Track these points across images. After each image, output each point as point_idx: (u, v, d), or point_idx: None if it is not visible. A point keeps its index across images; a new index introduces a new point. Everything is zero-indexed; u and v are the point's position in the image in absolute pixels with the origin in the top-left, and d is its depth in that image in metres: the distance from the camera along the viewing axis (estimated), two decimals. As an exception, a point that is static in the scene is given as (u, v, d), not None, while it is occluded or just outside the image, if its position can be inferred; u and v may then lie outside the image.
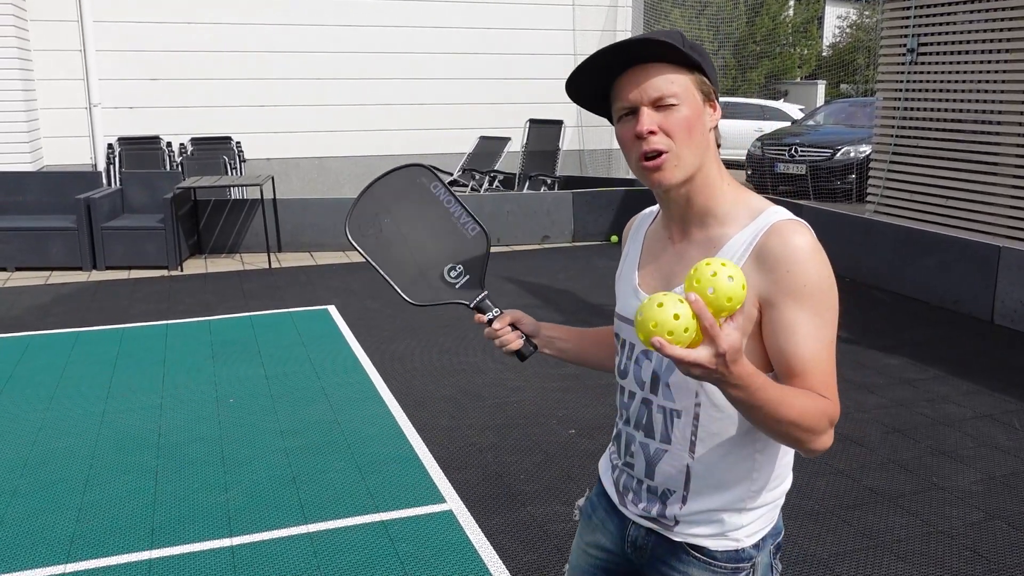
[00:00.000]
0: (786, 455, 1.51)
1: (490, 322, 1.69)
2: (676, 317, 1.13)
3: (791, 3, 24.38)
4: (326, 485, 3.66)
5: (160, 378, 4.97)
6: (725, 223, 1.40)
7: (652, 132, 1.35)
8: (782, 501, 1.52)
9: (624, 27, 11.93)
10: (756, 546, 1.48)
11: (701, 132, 1.38)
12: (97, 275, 7.63)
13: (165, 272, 7.74)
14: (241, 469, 3.82)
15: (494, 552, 3.16)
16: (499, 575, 3.01)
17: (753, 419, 1.28)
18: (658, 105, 1.35)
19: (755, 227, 1.37)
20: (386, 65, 10.94)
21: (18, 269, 7.75)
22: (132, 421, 4.35)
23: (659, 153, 1.36)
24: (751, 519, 1.47)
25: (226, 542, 3.21)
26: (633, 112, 1.37)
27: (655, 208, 1.59)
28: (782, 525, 1.54)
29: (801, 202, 8.23)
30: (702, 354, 1.14)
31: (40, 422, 4.34)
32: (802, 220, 1.39)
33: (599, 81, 1.42)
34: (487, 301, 1.69)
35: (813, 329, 1.32)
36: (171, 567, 3.05)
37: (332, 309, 6.47)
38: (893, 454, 3.99)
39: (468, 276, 1.70)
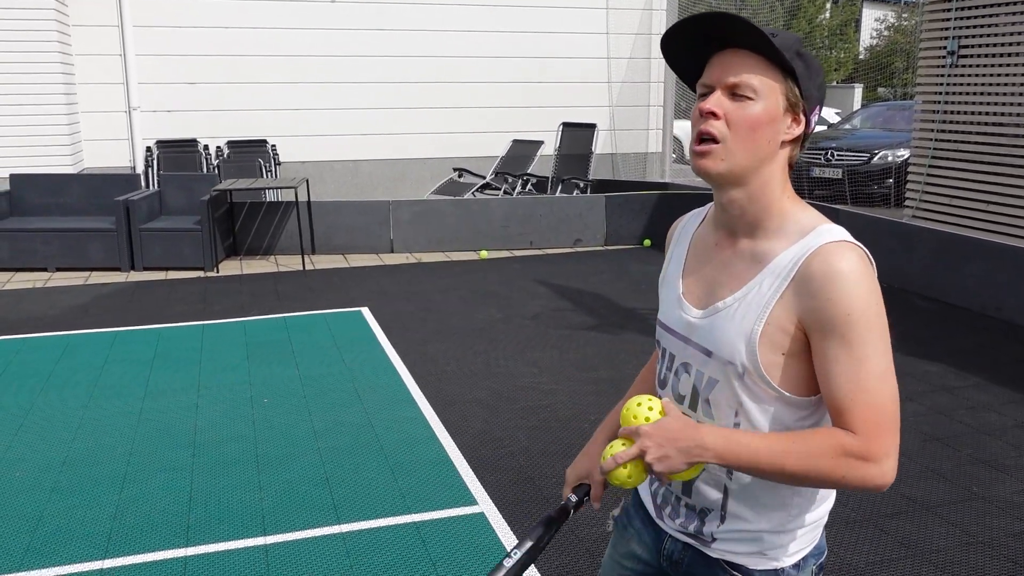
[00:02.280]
0: None
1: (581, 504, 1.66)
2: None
3: (828, 6, 24.12)
4: (359, 486, 3.68)
5: (196, 378, 5.02)
6: (773, 238, 1.35)
7: (714, 114, 1.30)
8: (825, 520, 1.48)
9: (658, 30, 11.88)
10: (796, 566, 1.44)
11: (768, 138, 1.31)
12: (135, 276, 7.74)
13: (201, 273, 7.83)
14: (275, 469, 3.85)
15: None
16: (531, 578, 3.00)
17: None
18: (734, 92, 1.30)
19: (802, 246, 1.31)
20: (419, 68, 10.99)
21: (59, 269, 7.89)
22: (169, 420, 4.41)
23: (712, 138, 1.31)
24: (791, 539, 1.43)
25: (260, 541, 3.24)
26: (709, 91, 1.33)
27: (702, 209, 1.55)
28: (825, 544, 1.50)
29: (838, 207, 8.13)
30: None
31: (79, 420, 4.41)
32: (855, 242, 1.32)
33: (698, 51, 1.36)
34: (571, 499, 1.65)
35: (855, 364, 1.27)
36: (206, 565, 3.08)
37: (365, 311, 6.51)
38: (932, 463, 3.92)
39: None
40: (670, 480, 1.35)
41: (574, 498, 1.59)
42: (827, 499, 1.48)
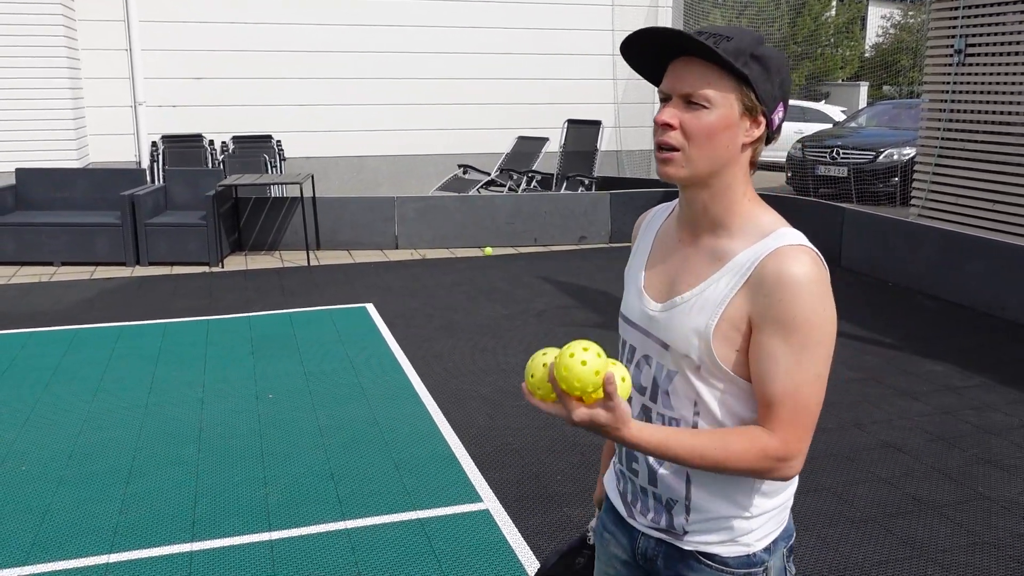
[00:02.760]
0: None
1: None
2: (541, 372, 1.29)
3: (834, 3, 24.06)
4: (364, 482, 3.69)
5: (201, 373, 5.03)
6: (734, 237, 1.39)
7: (669, 125, 1.34)
8: (790, 503, 1.51)
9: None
10: (767, 549, 1.47)
11: (726, 143, 1.35)
12: (140, 271, 7.76)
13: (206, 268, 7.84)
14: (280, 464, 3.85)
15: (531, 552, 3.15)
16: None
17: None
18: (689, 101, 1.34)
19: (761, 247, 1.35)
20: (425, 65, 10.99)
21: (64, 264, 7.91)
22: (174, 415, 4.42)
23: (671, 148, 1.35)
24: (759, 523, 1.46)
25: (265, 536, 3.25)
26: (667, 99, 1.37)
27: (669, 205, 1.58)
28: (793, 527, 1.54)
29: (843, 205, 8.12)
30: (552, 408, 1.29)
31: (85, 414, 4.42)
32: (810, 246, 1.36)
33: (657, 55, 1.39)
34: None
35: (793, 364, 1.31)
36: (211, 560, 3.09)
37: (370, 307, 6.51)
38: (937, 462, 3.91)
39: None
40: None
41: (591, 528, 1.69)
42: (792, 482, 1.50)
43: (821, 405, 1.35)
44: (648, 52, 1.39)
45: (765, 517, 1.46)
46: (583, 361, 1.24)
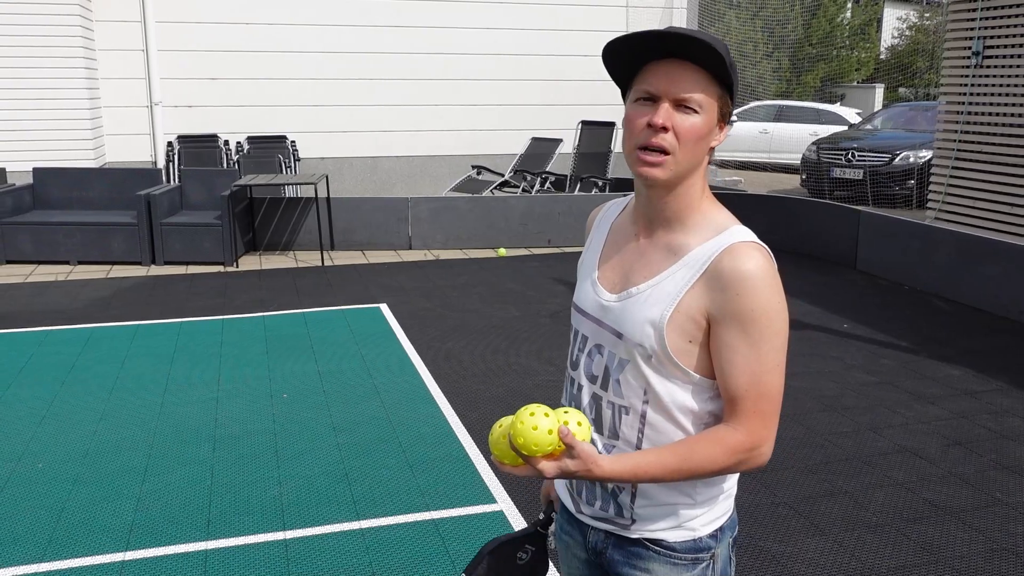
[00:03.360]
0: None
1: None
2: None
3: (849, 5, 23.94)
4: (378, 482, 3.69)
5: (216, 372, 5.05)
6: (689, 233, 1.43)
7: (665, 128, 1.37)
8: (734, 491, 1.57)
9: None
10: (713, 536, 1.51)
11: (704, 146, 1.41)
12: (156, 270, 7.80)
13: (221, 268, 7.87)
14: (294, 464, 3.86)
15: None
16: (550, 577, 3.00)
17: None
18: (680, 105, 1.37)
19: (716, 243, 1.40)
20: (440, 66, 11.01)
21: (81, 263, 7.96)
22: (189, 413, 4.43)
23: (662, 151, 1.37)
24: (704, 509, 1.50)
25: (279, 535, 3.25)
26: (652, 100, 1.38)
27: (623, 200, 1.62)
28: (737, 519, 1.59)
29: (859, 208, 8.07)
30: (525, 472, 1.37)
31: (101, 412, 4.44)
32: (761, 243, 1.42)
33: (638, 57, 1.41)
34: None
35: (753, 355, 1.37)
36: (226, 558, 3.10)
37: (384, 307, 6.52)
38: (954, 467, 3.88)
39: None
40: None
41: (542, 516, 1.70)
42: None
43: (782, 392, 1.41)
44: (628, 53, 1.41)
45: (710, 503, 1.50)
46: (534, 426, 1.32)
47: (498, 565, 1.61)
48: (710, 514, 1.51)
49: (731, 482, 1.54)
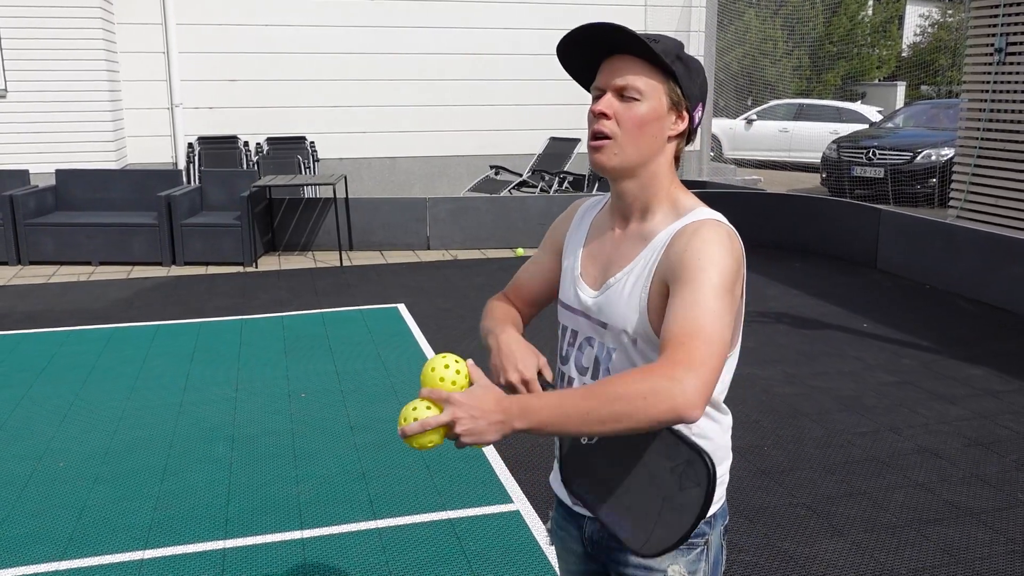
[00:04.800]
0: (724, 435, 1.56)
1: None
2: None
3: (870, 2, 23.74)
4: (395, 481, 3.70)
5: (235, 372, 5.08)
6: (658, 220, 1.49)
7: (604, 115, 1.44)
8: (727, 479, 1.58)
9: (698, 27, 11.78)
10: (708, 522, 1.53)
11: (654, 133, 1.45)
12: (176, 270, 7.86)
13: (241, 268, 7.92)
14: (312, 463, 3.88)
15: (561, 554, 3.14)
16: (566, 577, 3.00)
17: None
18: (622, 94, 1.44)
19: (678, 223, 1.46)
20: (457, 66, 11.02)
21: (102, 263, 8.04)
22: (208, 413, 4.47)
23: (604, 136, 1.44)
24: None
25: (297, 534, 3.27)
26: (601, 94, 1.46)
27: (602, 198, 1.67)
28: (727, 508, 1.60)
29: (880, 207, 8.00)
30: (443, 418, 1.31)
31: (121, 412, 4.48)
32: (726, 223, 1.45)
33: (589, 56, 1.49)
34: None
35: (689, 302, 1.32)
36: (244, 557, 3.12)
37: (402, 308, 6.54)
38: (975, 468, 3.84)
39: None
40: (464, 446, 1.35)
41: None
42: (725, 459, 1.57)
43: (721, 342, 1.31)
44: (581, 55, 1.49)
45: None
46: (441, 377, 1.38)
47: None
48: None
49: (724, 468, 1.55)
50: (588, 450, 1.51)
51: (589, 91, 1.52)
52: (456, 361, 1.40)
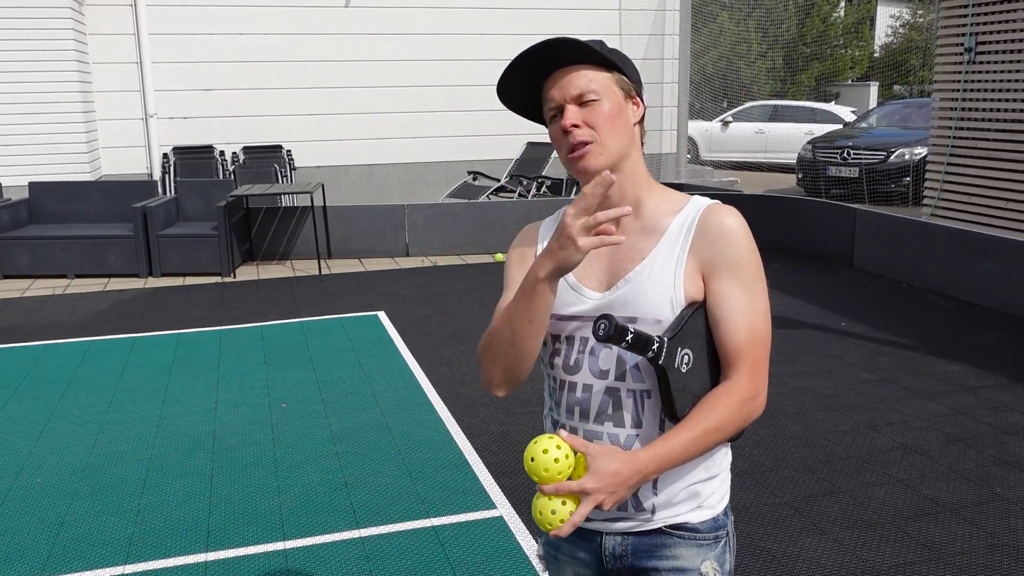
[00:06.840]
0: None
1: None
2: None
3: (842, 4, 23.98)
4: (377, 490, 3.68)
5: (214, 383, 5.04)
6: (658, 214, 1.51)
7: (576, 126, 1.45)
8: (730, 461, 1.61)
9: (672, 30, 11.85)
10: (726, 512, 1.56)
11: (624, 124, 1.48)
12: (153, 281, 7.79)
13: (219, 279, 7.87)
14: (294, 473, 3.86)
15: (545, 559, 3.14)
16: (550, 582, 2.99)
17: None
18: (581, 102, 1.45)
19: (690, 210, 1.49)
20: (433, 72, 11.02)
21: (78, 276, 7.96)
22: (188, 425, 4.43)
23: (584, 143, 1.45)
24: (718, 484, 1.54)
25: (279, 545, 3.25)
26: (560, 111, 1.47)
27: (555, 214, 1.62)
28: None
29: (855, 206, 8.07)
30: (584, 509, 1.34)
31: (99, 425, 4.44)
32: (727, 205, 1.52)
33: (528, 86, 1.50)
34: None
35: (746, 300, 1.44)
36: (227, 570, 3.09)
37: (382, 315, 6.52)
38: (955, 463, 3.88)
39: None
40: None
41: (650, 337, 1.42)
42: (727, 455, 1.59)
43: (770, 337, 1.48)
44: (519, 87, 1.50)
45: (721, 477, 1.55)
46: (544, 449, 1.36)
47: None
48: (721, 488, 1.54)
49: (725, 463, 1.57)
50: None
51: (538, 120, 1.54)
52: (558, 446, 1.36)
